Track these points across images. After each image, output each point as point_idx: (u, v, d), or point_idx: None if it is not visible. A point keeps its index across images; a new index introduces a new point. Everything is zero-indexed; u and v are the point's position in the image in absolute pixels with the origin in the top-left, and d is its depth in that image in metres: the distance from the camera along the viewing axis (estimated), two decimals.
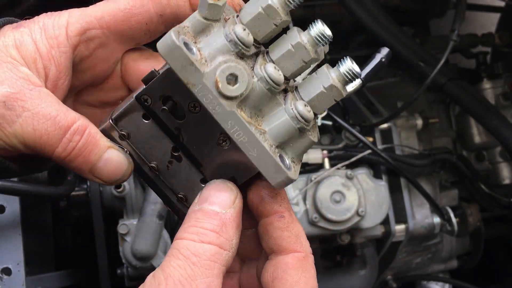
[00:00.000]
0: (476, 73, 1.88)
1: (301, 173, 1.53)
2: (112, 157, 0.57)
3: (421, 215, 1.63)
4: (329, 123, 1.60)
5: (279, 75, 0.53)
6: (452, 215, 1.64)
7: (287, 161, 0.55)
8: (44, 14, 0.60)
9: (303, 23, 0.64)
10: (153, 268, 0.76)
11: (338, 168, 1.51)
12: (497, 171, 1.84)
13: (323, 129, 1.66)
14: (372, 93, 1.79)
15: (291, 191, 1.49)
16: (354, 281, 1.64)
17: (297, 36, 0.54)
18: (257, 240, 0.64)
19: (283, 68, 0.55)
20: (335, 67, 0.56)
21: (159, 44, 0.51)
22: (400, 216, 1.61)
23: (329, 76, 0.55)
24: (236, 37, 0.52)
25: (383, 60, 0.62)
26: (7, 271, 1.29)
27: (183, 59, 0.50)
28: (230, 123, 0.53)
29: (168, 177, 0.61)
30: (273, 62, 0.55)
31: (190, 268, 0.50)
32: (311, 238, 1.54)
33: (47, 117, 0.54)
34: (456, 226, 1.63)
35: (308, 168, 1.53)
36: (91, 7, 0.59)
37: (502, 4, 1.98)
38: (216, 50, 0.52)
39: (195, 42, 0.53)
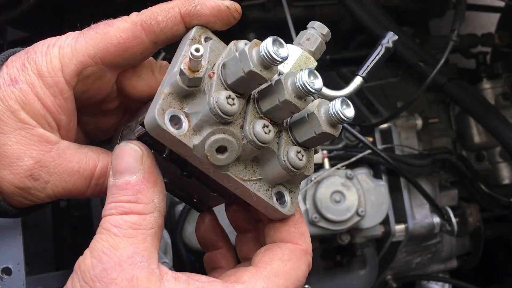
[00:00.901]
0: (476, 73, 1.88)
1: None
2: None
3: (421, 215, 1.63)
4: None
5: (268, 136, 0.54)
6: (452, 215, 1.64)
7: (286, 195, 0.60)
8: (31, 49, 0.59)
9: (303, 23, 0.65)
10: None
11: (338, 168, 1.51)
12: (497, 171, 1.84)
13: None
14: (372, 93, 1.79)
15: None
16: (354, 281, 1.64)
17: (284, 92, 0.54)
18: (256, 242, 0.65)
19: (274, 117, 0.56)
20: (325, 109, 0.56)
21: (146, 124, 0.52)
22: (400, 216, 1.61)
23: (320, 123, 0.56)
24: (220, 110, 0.51)
25: (389, 47, 0.61)
26: (7, 271, 1.29)
27: (171, 138, 0.52)
28: (226, 181, 0.56)
29: (181, 187, 0.66)
30: (263, 114, 0.56)
31: (112, 239, 0.52)
32: (311, 238, 1.54)
33: (72, 174, 0.58)
34: (456, 226, 1.63)
35: None
36: (80, 40, 0.58)
37: (502, 4, 1.98)
38: (202, 121, 0.52)
39: (182, 108, 0.53)
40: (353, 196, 1.48)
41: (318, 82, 0.54)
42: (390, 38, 0.61)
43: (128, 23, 0.57)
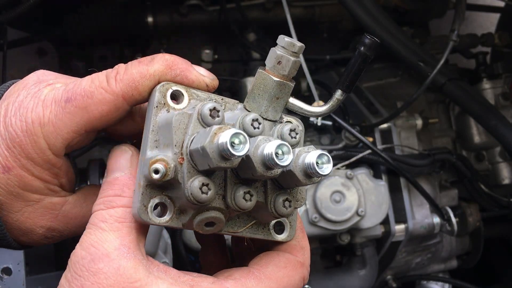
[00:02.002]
0: (476, 73, 1.88)
1: None
2: None
3: (421, 215, 1.63)
4: (329, 123, 1.60)
5: (249, 203, 0.55)
6: (451, 215, 1.64)
7: (284, 223, 0.62)
8: (7, 115, 0.58)
9: (303, 23, 0.64)
10: None
11: (338, 168, 1.51)
12: (497, 171, 1.84)
13: (323, 129, 1.67)
14: (372, 93, 1.79)
15: None
16: (354, 281, 1.64)
17: (256, 169, 0.53)
18: (250, 241, 0.66)
19: (254, 178, 0.57)
20: (302, 163, 0.55)
21: (134, 216, 0.55)
22: (400, 216, 1.61)
23: (298, 177, 0.55)
24: (196, 200, 0.52)
25: (366, 53, 0.60)
26: (7, 271, 1.29)
27: (157, 227, 0.54)
28: (225, 236, 0.60)
29: None
30: (242, 179, 0.56)
31: (100, 233, 0.54)
32: (311, 238, 1.54)
33: (80, 226, 0.62)
34: (456, 226, 1.63)
35: None
36: (61, 116, 0.57)
37: (502, 4, 1.99)
38: (185, 205, 0.54)
39: (164, 191, 0.55)
40: (353, 196, 1.48)
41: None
42: (366, 43, 0.59)
43: (109, 94, 0.56)
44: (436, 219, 1.64)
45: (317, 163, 0.53)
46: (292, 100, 0.61)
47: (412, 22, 1.98)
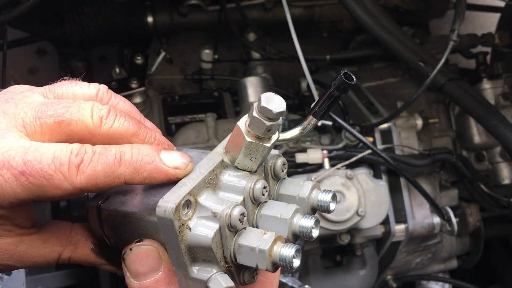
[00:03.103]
0: (476, 73, 1.88)
1: (301, 173, 1.53)
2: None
3: (421, 215, 1.63)
4: (329, 123, 1.60)
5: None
6: (452, 215, 1.63)
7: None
8: None
9: (303, 23, 0.64)
10: None
11: (338, 168, 1.51)
12: (497, 171, 1.84)
13: (323, 129, 1.66)
14: (372, 93, 1.79)
15: None
16: (354, 281, 1.64)
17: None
18: None
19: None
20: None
21: None
22: (400, 216, 1.61)
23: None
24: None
25: (335, 94, 0.58)
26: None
27: None
28: None
29: None
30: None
31: None
32: None
33: (38, 264, 0.61)
34: (456, 226, 1.63)
35: (308, 168, 1.53)
36: (11, 181, 0.51)
37: (502, 4, 1.99)
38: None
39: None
40: (353, 196, 1.48)
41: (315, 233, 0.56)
42: (339, 83, 0.58)
43: (67, 184, 0.52)
44: (436, 219, 1.64)
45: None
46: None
47: (412, 22, 1.98)
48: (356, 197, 1.48)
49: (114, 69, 1.72)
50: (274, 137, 0.57)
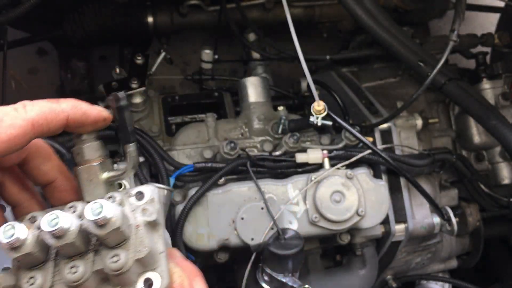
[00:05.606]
0: (476, 73, 1.88)
1: (301, 173, 1.53)
2: None
3: (421, 215, 1.63)
4: (329, 123, 1.60)
5: (75, 276, 0.55)
6: (451, 215, 1.64)
7: (154, 278, 0.60)
8: None
9: (303, 23, 0.64)
10: None
11: (338, 168, 1.51)
12: (497, 171, 1.84)
13: (323, 129, 1.67)
14: (372, 93, 1.79)
15: (291, 191, 1.49)
16: (354, 281, 1.64)
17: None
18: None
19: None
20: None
21: None
22: (400, 216, 1.61)
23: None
24: None
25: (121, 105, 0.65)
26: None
27: None
28: None
29: None
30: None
31: None
32: (311, 238, 1.54)
33: None
34: (456, 225, 1.63)
35: (308, 168, 1.53)
36: None
37: (502, 4, 1.99)
38: None
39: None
40: (353, 196, 1.48)
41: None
42: (117, 100, 0.67)
43: (19, 120, 0.57)
44: (436, 219, 1.64)
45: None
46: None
47: (412, 22, 1.98)
48: (356, 197, 1.48)
49: (114, 69, 1.72)
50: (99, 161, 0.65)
